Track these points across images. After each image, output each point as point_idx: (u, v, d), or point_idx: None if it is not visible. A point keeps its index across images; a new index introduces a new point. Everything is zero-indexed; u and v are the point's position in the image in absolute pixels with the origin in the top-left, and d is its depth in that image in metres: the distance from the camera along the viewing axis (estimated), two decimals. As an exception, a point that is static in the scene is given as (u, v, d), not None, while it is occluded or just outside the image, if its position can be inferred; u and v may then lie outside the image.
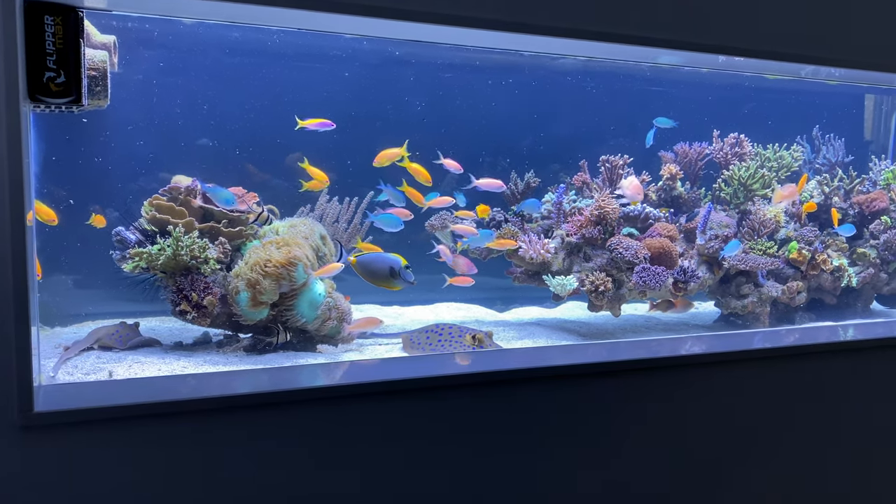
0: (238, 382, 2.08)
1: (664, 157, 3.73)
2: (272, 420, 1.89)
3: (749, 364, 2.45)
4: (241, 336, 2.70)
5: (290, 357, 2.57)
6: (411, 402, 2.04)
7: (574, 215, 3.35)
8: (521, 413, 2.13)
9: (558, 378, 2.17)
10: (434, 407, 2.05)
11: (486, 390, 2.10)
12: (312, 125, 2.84)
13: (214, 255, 2.54)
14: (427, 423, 2.04)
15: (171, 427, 1.80)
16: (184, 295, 2.49)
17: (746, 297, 3.32)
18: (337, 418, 1.95)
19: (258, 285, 2.47)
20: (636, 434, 2.28)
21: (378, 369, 2.29)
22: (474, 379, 2.10)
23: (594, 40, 2.12)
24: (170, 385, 2.07)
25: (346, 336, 2.74)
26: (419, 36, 2.26)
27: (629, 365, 2.27)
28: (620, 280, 3.22)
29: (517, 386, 2.12)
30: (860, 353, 2.59)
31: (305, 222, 2.79)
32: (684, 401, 2.33)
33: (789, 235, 3.51)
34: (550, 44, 2.27)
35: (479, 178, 3.04)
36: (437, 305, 3.70)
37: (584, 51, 2.48)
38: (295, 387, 2.02)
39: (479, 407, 2.09)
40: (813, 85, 4.08)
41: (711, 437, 2.39)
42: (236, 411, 1.87)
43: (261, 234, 2.71)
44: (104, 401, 1.81)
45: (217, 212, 2.65)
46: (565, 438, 2.18)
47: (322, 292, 2.65)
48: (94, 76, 2.18)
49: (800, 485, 2.55)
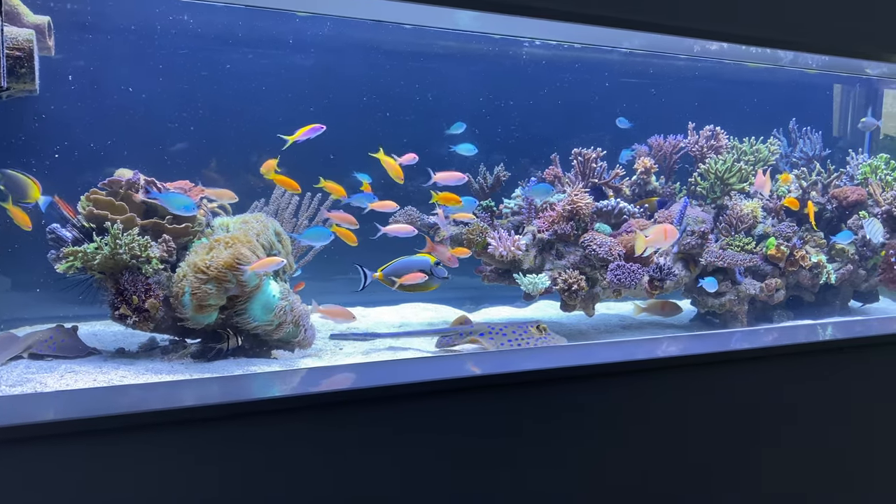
0: (183, 393, 1.89)
1: (638, 150, 3.60)
2: (221, 436, 1.70)
3: (729, 365, 2.33)
4: (188, 341, 2.50)
5: (242, 364, 2.39)
6: (376, 413, 1.86)
7: (546, 210, 3.20)
8: (495, 416, 1.97)
9: (534, 383, 2.02)
10: (400, 416, 1.88)
11: (454, 396, 1.93)
12: (303, 135, 2.61)
13: (157, 254, 2.34)
14: (392, 433, 1.86)
15: (106, 446, 1.61)
16: (123, 298, 2.29)
17: (724, 295, 3.19)
18: (294, 432, 1.76)
19: (202, 289, 2.27)
20: (635, 436, 2.13)
21: (339, 377, 2.11)
22: (442, 386, 1.93)
23: (559, 20, 1.97)
24: (105, 398, 1.87)
25: (303, 340, 2.56)
26: (379, 15, 2.09)
27: (606, 369, 2.12)
28: (594, 278, 3.07)
29: (490, 391, 1.96)
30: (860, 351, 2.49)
31: (259, 218, 2.59)
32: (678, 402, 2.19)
33: (767, 231, 3.39)
34: (514, 25, 2.11)
35: (437, 172, 2.85)
36: (403, 306, 3.53)
37: (548, 33, 2.33)
38: (247, 398, 1.82)
39: (453, 413, 1.92)
40: (789, 77, 3.99)
41: (711, 437, 2.26)
42: (181, 427, 1.68)
43: (209, 231, 2.51)
44: (29, 416, 1.62)
45: (161, 207, 2.45)
46: (544, 445, 2.03)
47: (277, 294, 2.46)
48: (19, 56, 1.98)
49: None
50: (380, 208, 2.72)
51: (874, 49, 2.52)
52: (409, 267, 2.55)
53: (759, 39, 2.35)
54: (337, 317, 2.55)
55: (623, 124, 3.42)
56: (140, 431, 1.66)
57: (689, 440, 2.23)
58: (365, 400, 1.86)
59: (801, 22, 2.34)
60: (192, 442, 1.69)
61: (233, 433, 1.72)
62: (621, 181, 3.46)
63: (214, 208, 2.71)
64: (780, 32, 2.32)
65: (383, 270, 2.55)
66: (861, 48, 2.49)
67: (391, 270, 2.56)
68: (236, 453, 1.71)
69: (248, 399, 1.80)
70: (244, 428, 1.74)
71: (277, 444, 1.76)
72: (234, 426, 1.74)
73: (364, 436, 1.84)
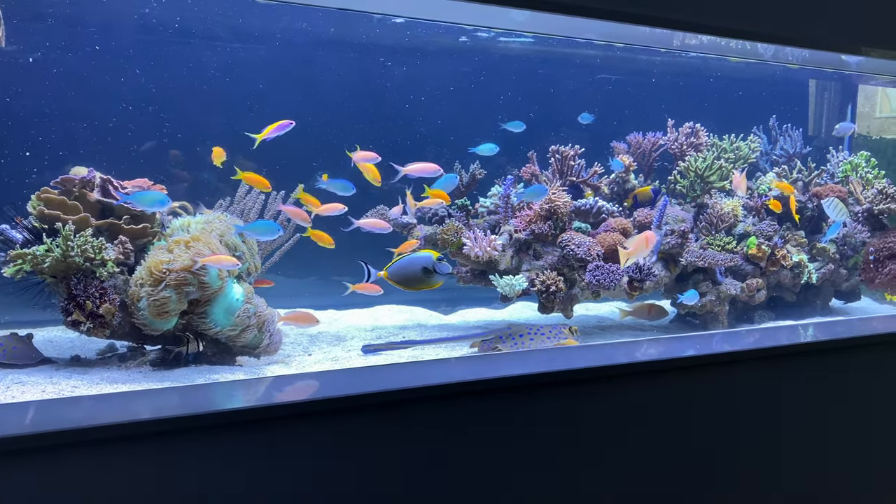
0: (139, 405, 1.76)
1: (616, 147, 3.52)
2: (180, 451, 1.58)
3: (712, 368, 2.25)
4: (147, 348, 2.37)
5: (204, 372, 2.27)
6: (345, 424, 1.75)
7: (523, 209, 3.11)
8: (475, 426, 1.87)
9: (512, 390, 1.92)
10: (370, 425, 1.77)
11: (430, 404, 1.83)
12: (271, 132, 2.48)
13: (113, 257, 2.21)
14: (361, 445, 1.75)
15: (55, 461, 1.48)
16: (76, 303, 2.16)
17: (704, 296, 3.12)
18: (259, 446, 1.65)
19: (160, 294, 2.15)
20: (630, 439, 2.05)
21: (307, 385, 2.00)
22: (415, 394, 1.83)
23: (520, 7, 1.87)
24: (53, 411, 1.74)
25: (269, 346, 2.44)
26: (347, 3, 1.98)
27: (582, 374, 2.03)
28: (573, 279, 2.99)
29: (467, 399, 1.86)
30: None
31: (222, 218, 2.47)
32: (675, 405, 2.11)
33: (748, 230, 3.33)
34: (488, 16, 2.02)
35: (408, 165, 2.72)
36: (377, 308, 3.42)
37: (527, 26, 2.24)
38: (208, 409, 1.70)
39: (425, 423, 1.82)
40: (769, 74, 3.94)
41: (711, 438, 2.18)
42: (136, 441, 1.56)
43: (169, 231, 2.39)
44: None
45: (118, 207, 2.32)
46: (536, 449, 1.93)
47: (240, 297, 2.34)
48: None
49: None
50: (325, 212, 2.59)
51: (848, 42, 2.46)
52: (412, 264, 2.45)
53: (730, 31, 2.28)
54: (300, 322, 2.44)
55: (585, 120, 3.31)
56: (90, 448, 1.54)
57: (693, 440, 2.16)
58: (334, 410, 1.76)
59: (768, 12, 2.27)
60: (148, 459, 1.58)
61: (193, 448, 1.60)
62: (600, 179, 3.38)
63: (175, 208, 2.59)
64: (750, 24, 2.25)
65: (388, 269, 2.44)
66: (829, 39, 2.43)
67: (395, 268, 2.45)
68: (196, 470, 1.60)
69: (209, 411, 1.68)
70: (206, 442, 1.62)
71: (241, 460, 1.64)
72: (194, 440, 1.62)
73: (333, 448, 1.73)
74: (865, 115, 4.21)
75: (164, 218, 2.46)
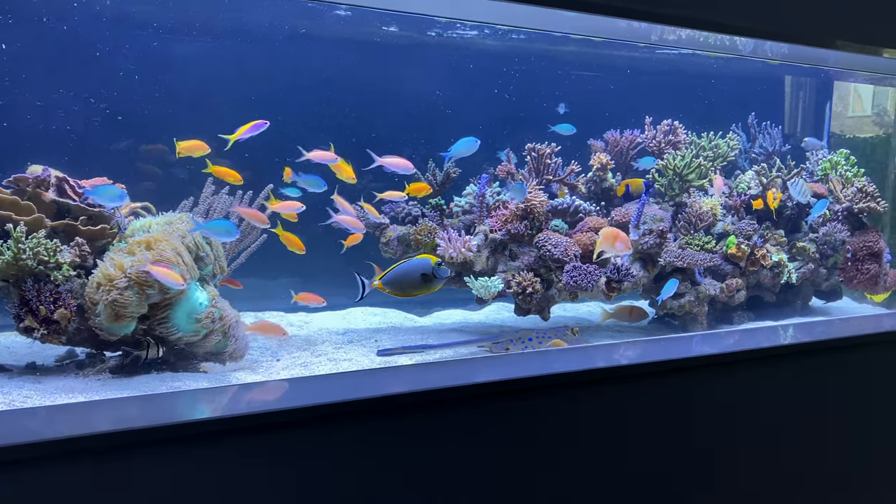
0: (96, 416, 1.66)
1: (594, 145, 3.46)
2: (140, 465, 1.49)
3: (691, 372, 2.19)
4: (107, 355, 2.27)
5: (166, 379, 2.17)
6: (317, 435, 1.66)
7: (498, 209, 3.04)
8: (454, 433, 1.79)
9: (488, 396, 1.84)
10: (343, 435, 1.69)
11: (396, 414, 1.75)
12: (245, 132, 2.39)
13: (68, 259, 2.11)
14: (335, 457, 1.67)
15: (2, 480, 1.38)
16: (29, 308, 2.06)
17: (683, 297, 3.07)
18: (224, 458, 1.56)
19: (119, 297, 2.05)
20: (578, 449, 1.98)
21: (276, 393, 1.91)
22: (381, 404, 1.75)
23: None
24: (2, 423, 1.64)
25: (235, 352, 2.35)
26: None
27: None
28: (550, 280, 2.92)
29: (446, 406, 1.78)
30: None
31: (184, 218, 2.37)
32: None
33: (727, 229, 3.28)
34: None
35: (383, 157, 2.63)
36: (350, 311, 3.33)
37: (498, 17, 2.17)
38: (171, 420, 1.59)
39: (398, 432, 1.74)
40: (750, 69, 3.90)
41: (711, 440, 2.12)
42: (91, 457, 1.46)
43: (129, 232, 2.29)
44: None
45: (74, 207, 2.22)
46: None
47: (204, 301, 2.25)
48: None
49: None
50: (280, 209, 2.50)
51: (823, 36, 2.42)
52: (411, 271, 2.33)
53: (712, 24, 2.23)
54: (266, 333, 2.35)
55: (564, 131, 3.21)
56: (42, 464, 1.44)
57: (692, 440, 2.09)
58: (304, 420, 1.67)
59: (744, 5, 2.22)
60: (104, 477, 1.48)
61: (155, 461, 1.51)
62: (577, 178, 3.32)
63: (137, 208, 2.49)
64: (730, 17, 2.20)
65: (382, 279, 2.32)
66: (807, 33, 2.38)
67: (391, 277, 2.33)
68: (158, 485, 1.50)
69: (172, 422, 1.59)
70: (168, 455, 1.53)
71: (210, 475, 1.55)
72: (155, 453, 1.52)
73: (304, 462, 1.64)
74: (838, 114, 4.19)
75: (121, 219, 2.36)
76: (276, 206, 2.48)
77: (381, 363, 2.52)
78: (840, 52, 2.65)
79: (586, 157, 3.39)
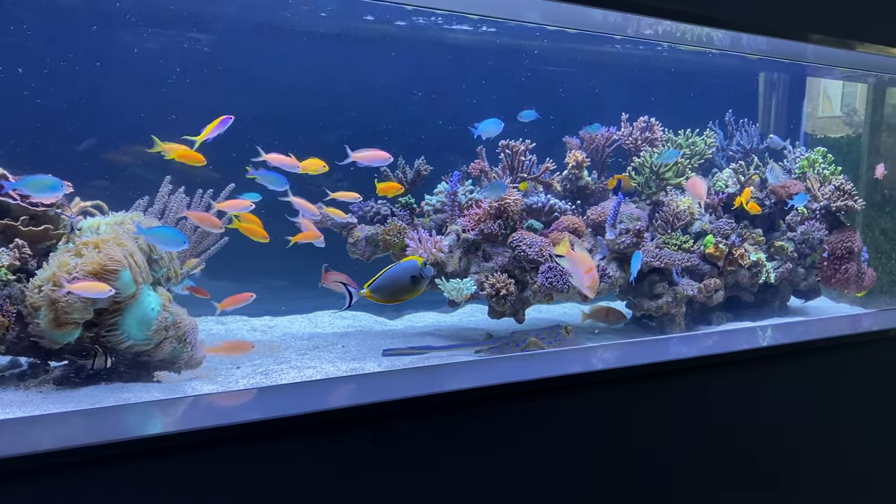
0: (37, 433, 1.52)
1: (569, 143, 3.37)
2: (90, 486, 1.35)
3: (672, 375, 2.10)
4: (52, 364, 2.12)
5: (115, 390, 2.02)
6: (285, 449, 1.53)
7: (471, 208, 2.93)
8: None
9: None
10: (312, 450, 1.56)
11: (377, 424, 1.63)
12: (212, 131, 2.23)
13: (6, 263, 1.96)
14: (295, 474, 1.54)
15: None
16: (-37, 315, 1.90)
17: (661, 298, 2.98)
18: (180, 480, 1.43)
19: (62, 301, 1.91)
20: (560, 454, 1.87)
21: (235, 404, 1.78)
22: (356, 414, 1.63)
23: None
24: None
25: (191, 359, 2.21)
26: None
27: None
28: (525, 281, 2.82)
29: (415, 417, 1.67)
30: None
31: (136, 219, 2.23)
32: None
33: (705, 228, 3.20)
34: None
35: (357, 151, 2.52)
36: (316, 314, 3.20)
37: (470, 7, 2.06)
38: (120, 436, 1.46)
39: (371, 443, 1.62)
40: (724, 66, 3.85)
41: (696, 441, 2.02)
42: (33, 478, 1.33)
43: (76, 232, 2.14)
44: None
45: (14, 206, 2.07)
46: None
47: (156, 306, 2.10)
48: None
49: None
50: (229, 207, 2.37)
51: (797, 29, 2.35)
52: (401, 275, 2.21)
53: (687, 15, 2.15)
54: (232, 352, 2.22)
55: (527, 118, 3.09)
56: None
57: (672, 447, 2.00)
58: (271, 433, 1.54)
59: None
60: (47, 501, 1.35)
61: (103, 482, 1.38)
62: (552, 176, 3.22)
63: (88, 207, 2.34)
64: (706, 8, 2.12)
65: (370, 286, 2.19)
66: (782, 26, 2.32)
67: (379, 284, 2.20)
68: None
69: (120, 438, 1.45)
70: (117, 475, 1.39)
71: (159, 497, 1.42)
72: (104, 474, 1.39)
73: (264, 479, 1.52)
74: (809, 115, 4.15)
75: (73, 219, 2.21)
76: (224, 205, 2.34)
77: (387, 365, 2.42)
78: (818, 47, 2.59)
79: (562, 154, 3.29)
